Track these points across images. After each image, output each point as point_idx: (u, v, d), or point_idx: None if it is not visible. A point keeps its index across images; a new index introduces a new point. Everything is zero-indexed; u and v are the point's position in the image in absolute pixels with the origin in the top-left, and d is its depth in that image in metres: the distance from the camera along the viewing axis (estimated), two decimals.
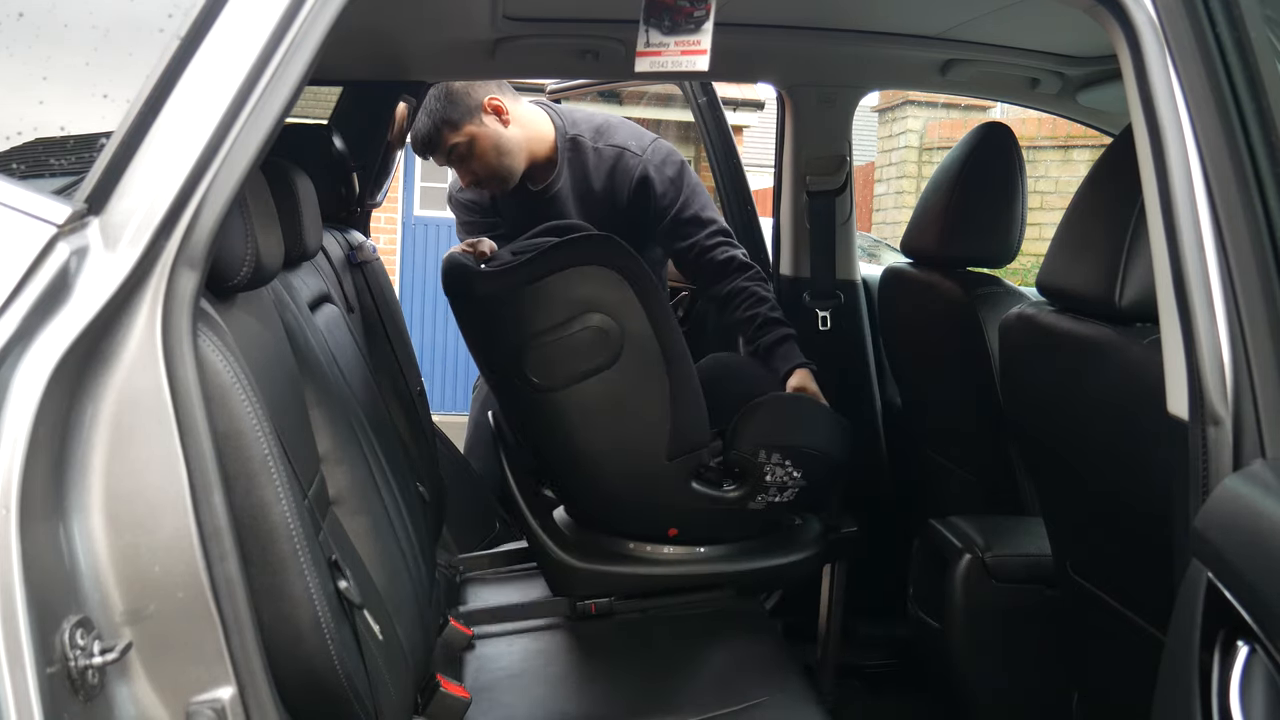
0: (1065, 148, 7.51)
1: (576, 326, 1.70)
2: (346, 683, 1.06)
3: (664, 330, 1.74)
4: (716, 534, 1.92)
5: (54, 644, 0.77)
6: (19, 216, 0.84)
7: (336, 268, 1.97)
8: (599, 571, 1.88)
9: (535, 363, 1.73)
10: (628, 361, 1.72)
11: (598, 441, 1.80)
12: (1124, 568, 1.43)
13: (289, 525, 0.99)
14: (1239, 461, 0.95)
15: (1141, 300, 1.19)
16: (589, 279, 1.71)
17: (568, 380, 1.73)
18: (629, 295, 1.71)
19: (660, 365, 1.74)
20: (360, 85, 2.56)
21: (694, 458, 1.83)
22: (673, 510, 1.86)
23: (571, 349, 1.71)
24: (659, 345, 1.73)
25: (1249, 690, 0.80)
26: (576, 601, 1.90)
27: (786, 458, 1.85)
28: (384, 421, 1.70)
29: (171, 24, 0.91)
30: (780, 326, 2.19)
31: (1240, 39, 0.99)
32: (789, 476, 1.87)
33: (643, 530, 1.90)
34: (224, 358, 0.95)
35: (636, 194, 2.26)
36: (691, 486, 1.84)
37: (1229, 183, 0.99)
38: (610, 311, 1.70)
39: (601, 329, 1.70)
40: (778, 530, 2.01)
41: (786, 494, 1.88)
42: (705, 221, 2.24)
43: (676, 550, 1.90)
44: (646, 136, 2.34)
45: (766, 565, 1.93)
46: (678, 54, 1.43)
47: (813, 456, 1.89)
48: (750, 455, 1.84)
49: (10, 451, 0.76)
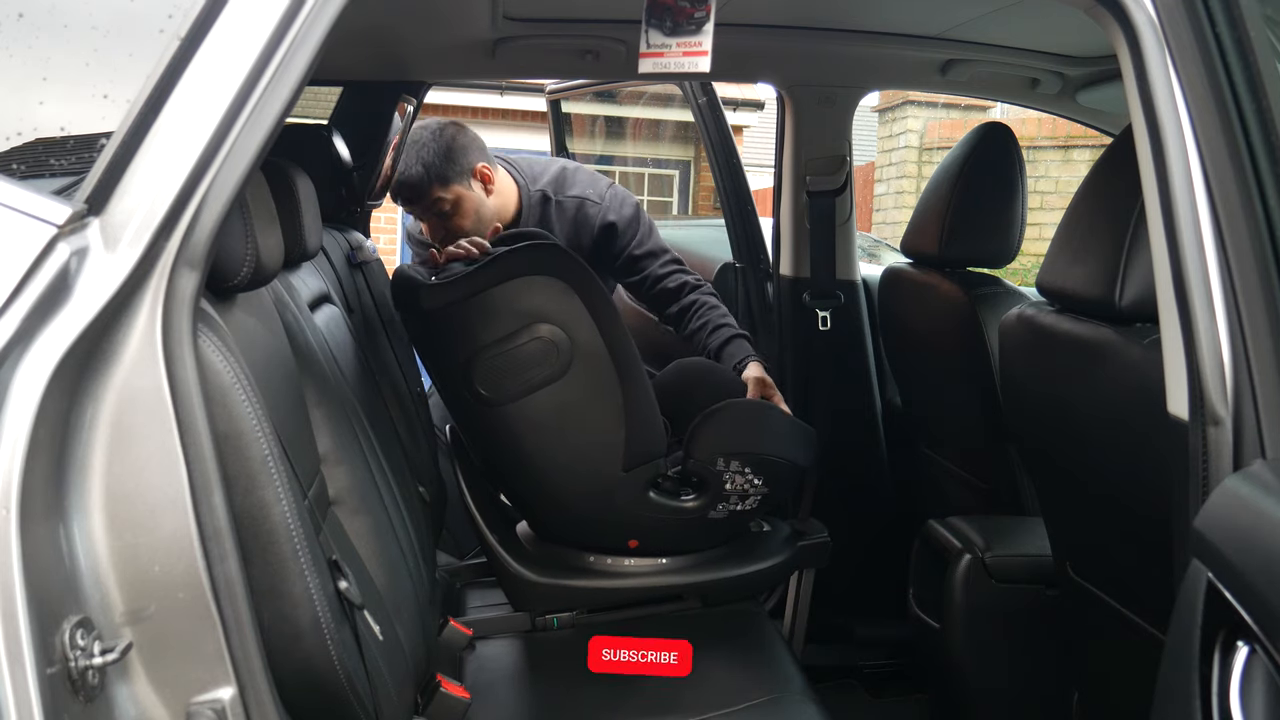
0: (1065, 148, 7.51)
1: (524, 338, 1.67)
2: (346, 683, 1.06)
3: (614, 340, 1.71)
4: (678, 544, 1.89)
5: (54, 644, 0.77)
6: (19, 217, 0.84)
7: (336, 268, 1.97)
8: (558, 586, 1.85)
9: (484, 376, 1.70)
10: (578, 373, 1.69)
11: (551, 454, 1.77)
12: (1124, 568, 1.43)
13: (289, 525, 0.99)
14: (1239, 462, 0.95)
15: (1141, 300, 1.19)
16: (536, 289, 1.68)
17: (517, 393, 1.70)
18: (577, 305, 1.68)
19: (612, 376, 1.71)
20: (360, 85, 2.56)
21: (651, 468, 1.80)
22: (632, 522, 1.83)
23: (520, 361, 1.68)
24: (610, 355, 1.70)
25: (1249, 691, 0.80)
26: (535, 616, 1.88)
27: (746, 465, 1.83)
28: (384, 422, 1.70)
29: (171, 24, 0.90)
30: (728, 328, 2.22)
31: (1240, 39, 0.99)
32: (750, 484, 1.84)
33: (602, 543, 1.88)
34: (224, 358, 0.95)
35: (600, 239, 2.34)
36: (649, 497, 1.81)
37: (1229, 183, 0.98)
38: (558, 322, 1.67)
39: (550, 340, 1.67)
40: (743, 538, 1.98)
41: (748, 502, 1.86)
42: (659, 253, 2.34)
43: (638, 562, 1.87)
44: (602, 182, 2.43)
45: (731, 575, 1.89)
46: (679, 55, 1.43)
47: (774, 463, 1.86)
48: (709, 464, 1.82)
49: (10, 452, 0.76)
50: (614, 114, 5.30)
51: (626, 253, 2.33)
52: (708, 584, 1.89)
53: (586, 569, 1.87)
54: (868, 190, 8.84)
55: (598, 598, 1.87)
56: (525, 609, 1.86)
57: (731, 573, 1.90)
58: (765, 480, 1.85)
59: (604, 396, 1.73)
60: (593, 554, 1.88)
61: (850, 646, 2.46)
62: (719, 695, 1.58)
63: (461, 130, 2.31)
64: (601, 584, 1.87)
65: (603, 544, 1.88)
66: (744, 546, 1.96)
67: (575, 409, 1.73)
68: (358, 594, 1.18)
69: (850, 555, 2.52)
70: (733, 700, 1.56)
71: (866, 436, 2.57)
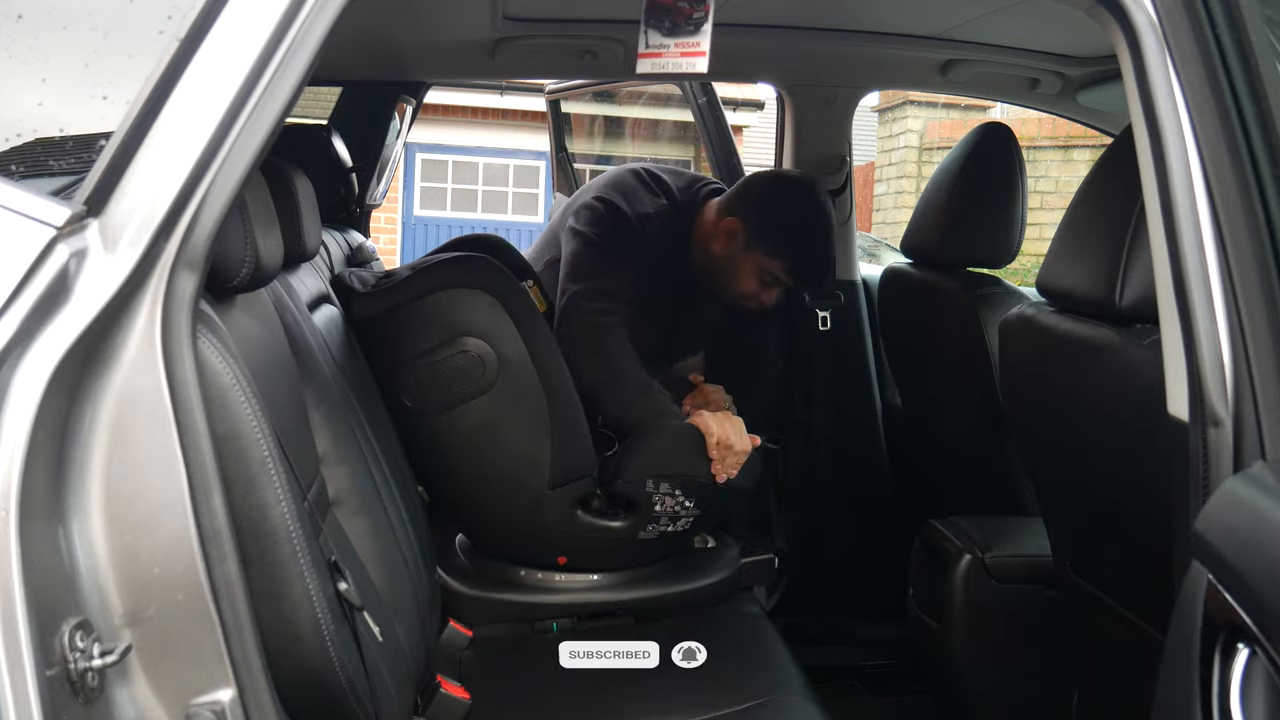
0: (1065, 148, 7.52)
1: (451, 350, 1.66)
2: (346, 684, 1.06)
3: (542, 357, 1.70)
4: (608, 562, 1.87)
5: (53, 646, 0.77)
6: (18, 218, 0.84)
7: (336, 269, 1.97)
8: (491, 599, 1.84)
9: (410, 386, 1.69)
10: (503, 389, 1.68)
11: (476, 467, 1.76)
12: (1124, 569, 1.43)
13: (288, 527, 0.99)
14: (1239, 463, 0.95)
15: (1141, 301, 1.19)
16: (464, 303, 1.67)
17: (443, 405, 1.69)
18: (504, 321, 1.66)
19: (538, 393, 1.70)
20: (360, 85, 2.57)
21: (578, 486, 1.79)
22: (560, 539, 1.82)
23: (446, 373, 1.67)
24: (536, 372, 1.69)
25: (1249, 693, 0.80)
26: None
27: (676, 487, 1.81)
28: (383, 423, 1.70)
29: (171, 25, 0.90)
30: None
31: (1240, 40, 0.99)
32: (681, 506, 1.82)
33: (531, 558, 1.87)
34: (223, 359, 0.95)
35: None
36: (577, 515, 1.80)
37: (1229, 183, 0.98)
38: (485, 336, 1.66)
39: (477, 355, 1.66)
40: (683, 555, 1.96)
41: (680, 523, 1.84)
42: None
43: (569, 578, 1.86)
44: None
45: (666, 593, 1.88)
46: (678, 55, 1.43)
47: (704, 485, 1.84)
48: (638, 485, 1.81)
49: (10, 453, 0.76)
50: (614, 114, 5.30)
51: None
52: (641, 601, 1.87)
53: (518, 583, 1.86)
54: (868, 190, 8.85)
55: (530, 612, 1.85)
56: (461, 619, 1.84)
57: (666, 590, 1.88)
58: (697, 502, 1.84)
59: (529, 414, 1.71)
60: (524, 568, 1.87)
61: (850, 646, 2.46)
62: (718, 695, 1.58)
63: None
64: (533, 599, 1.86)
65: (532, 558, 1.87)
66: (681, 564, 1.94)
67: (501, 425, 1.72)
68: (357, 595, 1.18)
69: (850, 555, 2.52)
70: (732, 700, 1.56)
71: (866, 436, 2.56)
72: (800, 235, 2.06)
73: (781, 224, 2.05)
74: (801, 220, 2.07)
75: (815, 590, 2.50)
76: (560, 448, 1.74)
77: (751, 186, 2.14)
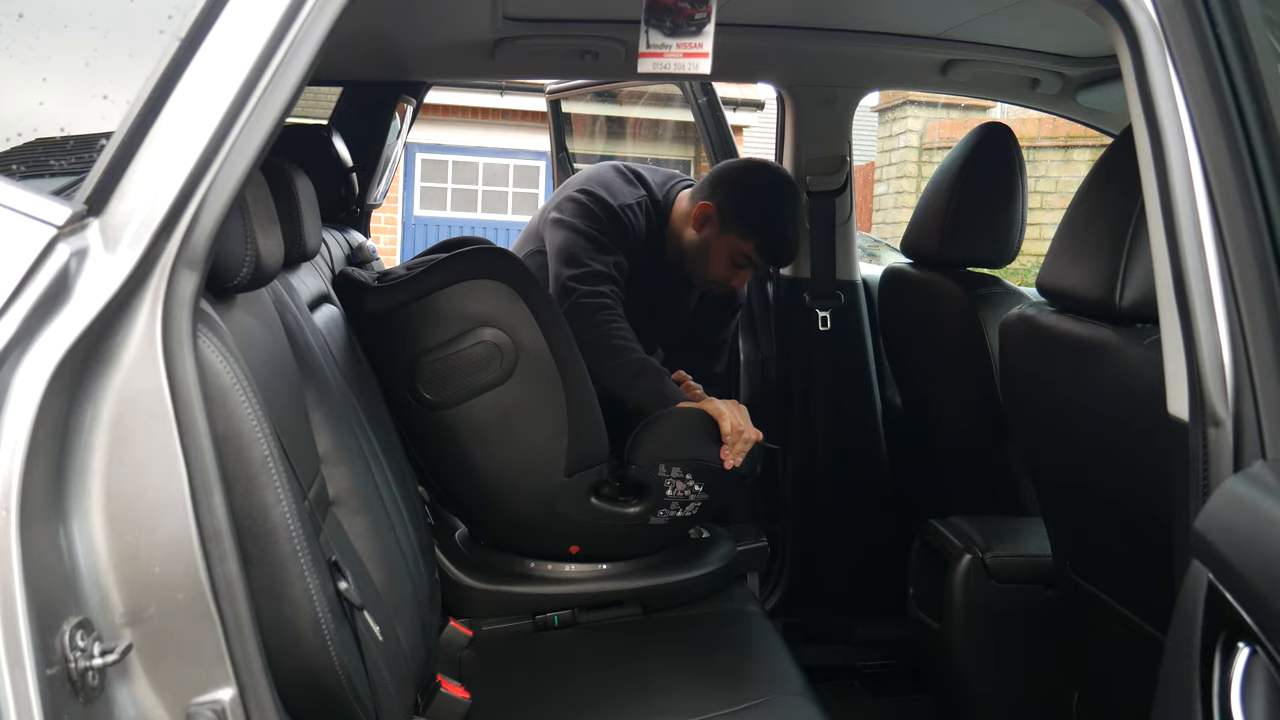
0: (1065, 148, 7.52)
1: (468, 342, 1.67)
2: (346, 684, 1.06)
3: (558, 345, 1.71)
4: (619, 550, 1.89)
5: (54, 645, 0.77)
6: (19, 218, 0.84)
7: (336, 268, 1.97)
8: (498, 592, 1.85)
9: (427, 379, 1.70)
10: (521, 377, 1.69)
11: (493, 458, 1.77)
12: (1124, 568, 1.43)
13: (289, 526, 0.99)
14: (1239, 463, 0.95)
15: (1142, 301, 1.19)
16: (480, 293, 1.68)
17: (460, 397, 1.70)
18: (521, 309, 1.68)
19: (555, 381, 1.72)
20: (360, 85, 2.57)
21: (593, 473, 1.81)
22: (573, 527, 1.83)
23: (464, 365, 1.68)
24: (554, 360, 1.71)
25: (1250, 692, 0.80)
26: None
27: (687, 471, 1.83)
28: (384, 422, 1.70)
29: (172, 25, 0.90)
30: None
31: (1240, 40, 0.99)
32: (690, 490, 1.84)
33: (543, 548, 1.87)
34: (224, 358, 0.95)
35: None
36: (591, 503, 1.81)
37: (1229, 183, 0.98)
38: (503, 326, 1.67)
39: (494, 344, 1.67)
40: (682, 545, 1.98)
41: (689, 508, 1.86)
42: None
43: (578, 568, 1.87)
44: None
45: (671, 581, 1.90)
46: (680, 56, 1.43)
47: (714, 470, 1.86)
48: (650, 470, 1.82)
49: (10, 453, 0.76)
50: (614, 114, 5.30)
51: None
52: (648, 589, 1.89)
53: (527, 575, 1.87)
54: (868, 190, 8.85)
55: (538, 604, 1.86)
56: (464, 615, 1.85)
57: (671, 578, 1.90)
58: (705, 487, 1.86)
59: (547, 402, 1.73)
60: (533, 560, 1.87)
61: (850, 646, 2.46)
62: (718, 695, 1.58)
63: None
64: (542, 590, 1.86)
65: (544, 549, 1.88)
66: (683, 553, 1.96)
67: (518, 414, 1.73)
68: (357, 595, 1.18)
69: (850, 555, 2.53)
70: (732, 700, 1.56)
71: (866, 436, 2.57)
72: (771, 216, 2.16)
73: (753, 206, 2.14)
74: (772, 202, 2.17)
75: (815, 590, 2.50)
76: (576, 435, 1.76)
77: (723, 173, 2.24)
